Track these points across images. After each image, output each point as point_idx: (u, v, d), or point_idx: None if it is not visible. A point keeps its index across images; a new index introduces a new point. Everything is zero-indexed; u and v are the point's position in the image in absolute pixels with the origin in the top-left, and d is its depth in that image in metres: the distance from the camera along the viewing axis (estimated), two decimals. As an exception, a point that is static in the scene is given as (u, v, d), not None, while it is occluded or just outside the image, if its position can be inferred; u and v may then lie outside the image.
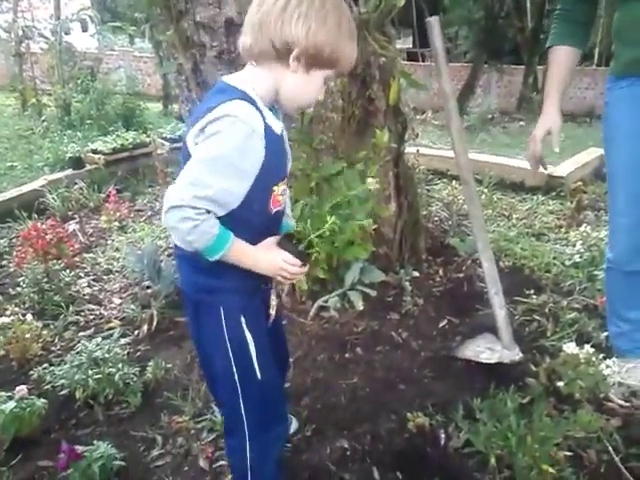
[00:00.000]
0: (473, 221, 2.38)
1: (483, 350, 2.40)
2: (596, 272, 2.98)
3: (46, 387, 2.35)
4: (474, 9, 12.32)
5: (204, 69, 2.65)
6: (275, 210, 1.42)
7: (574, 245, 3.32)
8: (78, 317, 2.97)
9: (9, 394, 2.11)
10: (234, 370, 1.44)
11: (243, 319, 1.42)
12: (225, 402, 1.57)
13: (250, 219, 1.35)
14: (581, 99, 8.44)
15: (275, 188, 1.39)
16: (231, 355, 1.43)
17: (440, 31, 2.14)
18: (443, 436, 2.05)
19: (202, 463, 1.99)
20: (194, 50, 2.62)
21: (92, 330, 2.84)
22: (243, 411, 1.47)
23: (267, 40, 1.23)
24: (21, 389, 2.14)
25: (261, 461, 1.54)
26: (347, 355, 2.51)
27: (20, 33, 8.05)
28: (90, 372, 2.28)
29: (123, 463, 1.94)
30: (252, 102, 1.25)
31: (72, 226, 4.12)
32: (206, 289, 1.42)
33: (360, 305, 2.65)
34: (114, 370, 2.30)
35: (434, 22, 2.12)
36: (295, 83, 1.29)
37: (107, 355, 2.35)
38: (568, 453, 1.90)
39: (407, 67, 3.18)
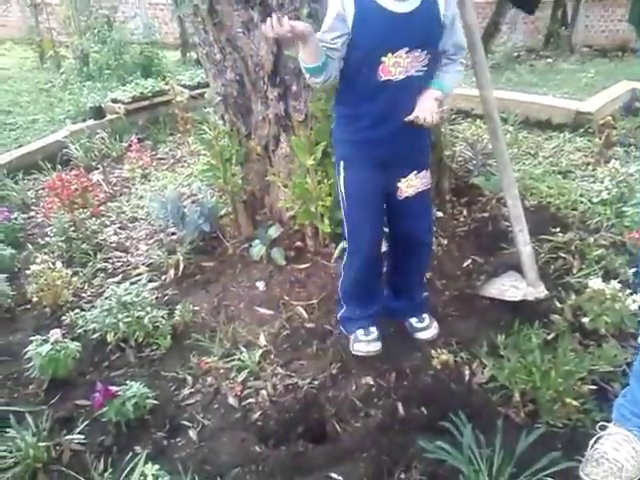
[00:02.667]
0: (497, 157, 2.33)
1: (508, 288, 2.39)
2: (625, 208, 2.93)
3: (79, 331, 2.43)
4: (500, -60, 11.71)
5: (220, 9, 2.59)
6: (386, 78, 1.76)
7: (602, 182, 3.24)
8: (106, 264, 3.03)
9: (44, 338, 2.19)
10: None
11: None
12: None
13: (355, 80, 1.77)
14: (614, 32, 7.99)
15: (384, 59, 1.73)
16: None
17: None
18: (467, 372, 2.08)
19: (231, 400, 2.05)
20: (209, -10, 2.56)
21: (120, 276, 2.90)
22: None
23: None
24: (55, 332, 2.20)
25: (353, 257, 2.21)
26: (371, 295, 2.52)
27: (34, -17, 7.94)
28: (120, 316, 2.34)
29: (155, 401, 2.01)
30: None
31: (96, 176, 4.15)
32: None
33: (384, 246, 2.63)
34: (143, 313, 2.36)
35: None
36: None
37: (136, 299, 2.41)
38: (592, 387, 1.92)
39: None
